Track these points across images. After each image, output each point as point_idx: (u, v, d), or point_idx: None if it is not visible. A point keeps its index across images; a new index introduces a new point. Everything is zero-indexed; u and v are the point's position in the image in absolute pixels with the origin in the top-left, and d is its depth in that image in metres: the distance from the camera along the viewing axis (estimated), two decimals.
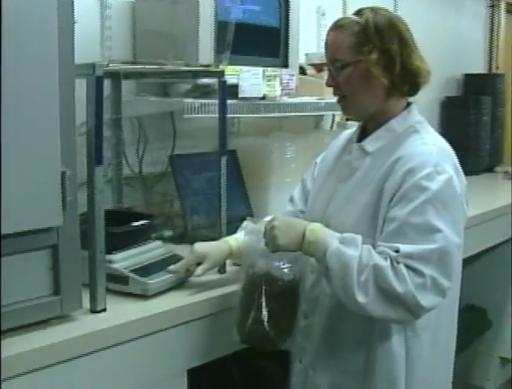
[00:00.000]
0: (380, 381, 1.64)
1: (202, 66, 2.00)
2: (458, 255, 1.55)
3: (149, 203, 2.53)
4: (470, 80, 4.37)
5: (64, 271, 1.59)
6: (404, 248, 1.49)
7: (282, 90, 2.46)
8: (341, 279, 1.52)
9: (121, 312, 1.71)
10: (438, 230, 1.49)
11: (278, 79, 2.43)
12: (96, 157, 1.65)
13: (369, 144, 1.68)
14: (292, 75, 2.50)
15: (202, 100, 2.18)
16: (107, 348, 1.62)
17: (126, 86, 2.39)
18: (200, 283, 1.94)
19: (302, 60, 2.96)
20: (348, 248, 1.53)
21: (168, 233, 2.38)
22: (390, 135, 1.66)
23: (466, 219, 1.66)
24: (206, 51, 2.20)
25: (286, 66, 2.54)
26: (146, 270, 1.85)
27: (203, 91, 2.31)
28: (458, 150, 3.90)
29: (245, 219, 2.58)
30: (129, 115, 2.41)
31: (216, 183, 2.04)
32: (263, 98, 2.46)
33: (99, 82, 1.62)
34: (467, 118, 4.09)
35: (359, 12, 1.65)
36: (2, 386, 1.43)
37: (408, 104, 1.72)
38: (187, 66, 1.92)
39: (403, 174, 1.56)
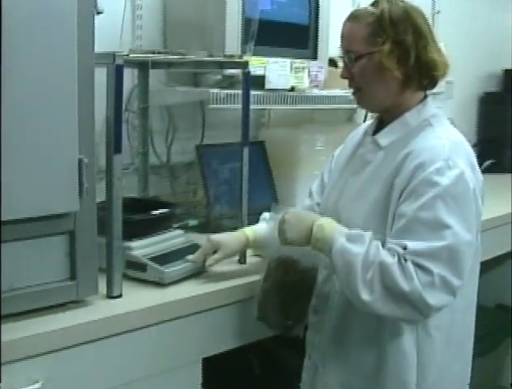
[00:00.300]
0: (390, 381, 1.63)
1: (225, 56, 2.00)
2: (469, 252, 1.51)
3: (176, 192, 2.55)
4: (510, 76, 4.28)
5: (80, 257, 1.62)
6: (412, 245, 1.46)
7: (310, 82, 2.45)
8: (345, 276, 1.51)
9: (137, 299, 1.73)
10: (448, 226, 1.46)
11: (306, 71, 2.42)
12: (114, 145, 1.67)
13: (383, 138, 1.66)
14: (321, 67, 2.50)
15: (228, 91, 2.19)
16: (121, 333, 1.64)
17: (157, 75, 2.42)
18: (219, 273, 1.96)
19: (335, 52, 2.95)
20: (354, 245, 1.51)
21: (193, 222, 2.40)
22: (404, 129, 1.63)
23: (480, 215, 1.62)
24: (232, 42, 2.21)
25: (315, 58, 2.52)
26: (164, 258, 1.87)
27: (231, 82, 2.32)
28: (495, 146, 3.83)
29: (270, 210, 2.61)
30: (158, 104, 2.44)
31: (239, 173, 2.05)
32: (292, 90, 2.46)
33: (118, 71, 1.63)
34: (505, 114, 4.00)
35: (375, 3, 1.62)
36: (16, 367, 1.47)
37: (425, 98, 1.69)
38: (210, 56, 1.92)
39: (412, 169, 1.53)
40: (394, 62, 1.57)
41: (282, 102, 2.42)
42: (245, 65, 1.98)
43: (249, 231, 1.93)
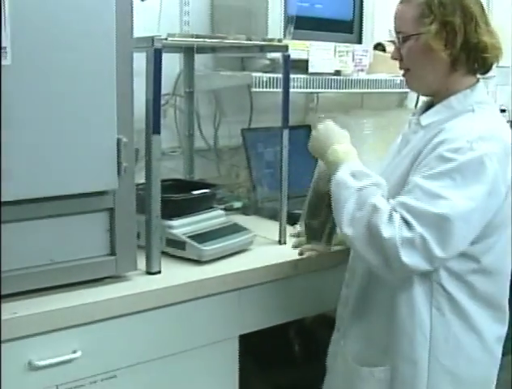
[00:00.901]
0: (401, 358, 1.62)
1: (265, 40, 2.03)
2: (463, 230, 1.47)
3: (222, 174, 2.61)
4: None
5: (120, 234, 1.68)
6: (405, 199, 1.48)
7: (355, 66, 2.46)
8: (336, 206, 1.56)
9: (175, 275, 1.79)
10: (446, 198, 1.45)
11: (350, 55, 2.44)
12: (153, 127, 1.73)
13: (425, 118, 1.66)
14: (366, 51, 2.50)
15: (270, 75, 2.23)
16: (158, 307, 1.71)
17: (203, 61, 2.48)
18: (258, 252, 2.00)
19: (384, 37, 2.94)
20: (354, 179, 1.55)
21: (237, 204, 2.46)
22: (448, 112, 1.62)
23: (499, 212, 1.56)
24: (275, 26, 2.24)
25: (360, 42, 2.53)
26: (203, 236, 1.92)
27: (276, 67, 2.35)
28: None
29: None
30: (204, 89, 2.49)
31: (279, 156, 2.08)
32: (337, 74, 2.48)
33: (157, 54, 1.69)
34: None
35: None
36: (57, 336, 1.56)
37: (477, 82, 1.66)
38: (249, 39, 1.95)
39: (435, 144, 1.52)
40: (442, 44, 1.56)
41: (326, 86, 2.44)
42: (284, 48, 2.00)
43: None
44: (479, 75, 1.68)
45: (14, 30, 1.42)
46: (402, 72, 1.72)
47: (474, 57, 1.60)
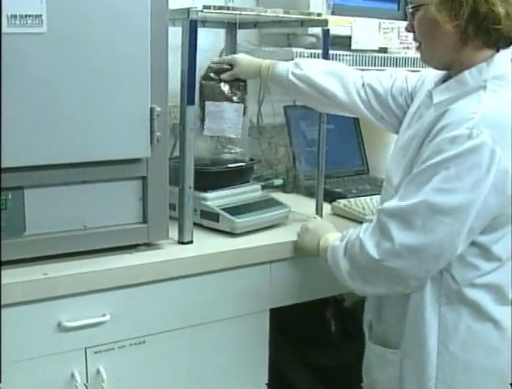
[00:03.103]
0: (412, 342, 1.57)
1: (303, 14, 2.02)
2: (451, 225, 1.40)
3: (264, 152, 2.61)
4: None
5: (152, 202, 1.71)
6: (385, 205, 1.50)
7: (400, 43, 2.43)
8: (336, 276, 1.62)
9: (207, 245, 1.81)
10: (437, 190, 1.40)
11: (396, 32, 2.40)
12: (187, 97, 1.74)
13: (437, 94, 1.54)
14: None
15: (311, 50, 2.21)
16: (188, 276, 1.73)
17: (248, 37, 2.48)
18: (293, 227, 2.00)
19: None
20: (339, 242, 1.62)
21: (278, 182, 2.47)
22: (460, 88, 1.49)
23: (496, 200, 1.42)
24: (318, 3, 2.23)
25: (406, 18, 2.48)
26: (237, 209, 1.94)
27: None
28: None
29: (360, 174, 2.63)
30: None
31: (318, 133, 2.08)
32: (384, 51, 2.45)
33: (192, 25, 1.70)
34: None
35: None
36: (87, 299, 1.60)
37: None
38: (287, 13, 1.95)
39: (438, 130, 1.42)
40: (446, 15, 1.44)
41: (371, 64, 2.40)
42: (324, 23, 1.99)
43: (267, 63, 1.97)
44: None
45: None
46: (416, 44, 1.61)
47: (486, 29, 1.44)
